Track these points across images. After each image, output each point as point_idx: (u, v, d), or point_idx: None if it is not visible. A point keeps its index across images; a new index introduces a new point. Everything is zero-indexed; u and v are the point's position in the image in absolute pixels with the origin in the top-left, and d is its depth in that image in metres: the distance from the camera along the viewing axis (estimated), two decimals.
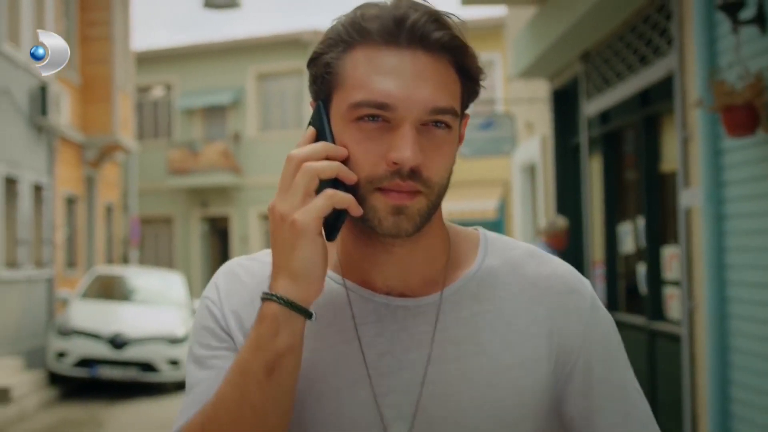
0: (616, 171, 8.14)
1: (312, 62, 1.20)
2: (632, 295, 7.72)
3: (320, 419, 1.20)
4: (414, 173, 1.13)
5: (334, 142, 1.16)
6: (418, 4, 1.16)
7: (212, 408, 1.14)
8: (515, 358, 1.21)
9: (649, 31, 6.70)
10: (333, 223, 1.16)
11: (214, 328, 1.24)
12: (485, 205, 18.66)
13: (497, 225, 15.89)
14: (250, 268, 1.28)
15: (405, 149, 1.11)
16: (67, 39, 12.08)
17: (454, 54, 1.16)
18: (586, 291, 1.27)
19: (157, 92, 25.94)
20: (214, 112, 25.63)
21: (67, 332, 12.31)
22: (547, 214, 9.94)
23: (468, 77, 1.18)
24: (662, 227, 6.80)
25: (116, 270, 15.54)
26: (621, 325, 6.83)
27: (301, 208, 1.12)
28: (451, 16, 1.18)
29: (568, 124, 9.22)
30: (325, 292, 1.19)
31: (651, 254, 7.00)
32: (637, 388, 1.26)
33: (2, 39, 12.61)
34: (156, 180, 24.65)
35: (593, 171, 8.58)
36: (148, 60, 24.39)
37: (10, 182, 13.09)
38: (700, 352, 5.73)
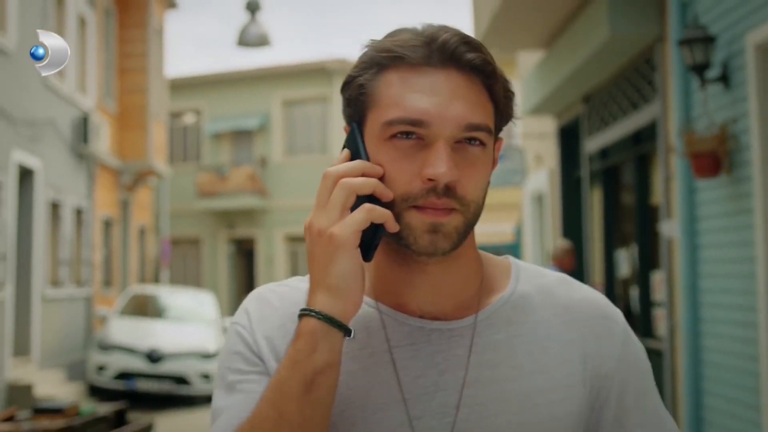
0: (614, 202, 8.91)
1: (346, 86, 1.21)
2: (628, 315, 8.47)
3: None
4: (449, 190, 1.13)
5: (369, 161, 1.17)
6: (448, 27, 1.18)
7: (249, 426, 1.12)
8: (550, 382, 1.21)
9: (639, 80, 7.50)
10: (369, 242, 1.15)
11: (245, 353, 1.22)
12: (504, 228, 19.40)
13: (514, 248, 16.63)
14: (280, 293, 1.27)
15: (440, 165, 1.12)
16: (106, 70, 13.16)
17: (486, 75, 1.17)
18: (618, 318, 1.28)
19: (188, 119, 26.88)
20: (242, 137, 26.50)
21: (106, 347, 13.14)
22: (554, 240, 10.71)
23: (499, 100, 1.19)
24: (652, 254, 7.56)
25: (151, 289, 16.38)
26: None
27: (338, 223, 1.12)
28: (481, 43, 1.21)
29: (573, 159, 10.00)
30: (358, 315, 1.19)
31: (642, 278, 7.77)
32: (667, 414, 1.27)
33: (49, 74, 13.51)
34: (185, 202, 25.49)
35: (594, 202, 9.36)
36: (179, 86, 25.28)
37: (55, 206, 14.00)
38: (679, 365, 6.48)
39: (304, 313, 1.12)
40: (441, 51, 1.15)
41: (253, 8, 11.96)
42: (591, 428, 1.23)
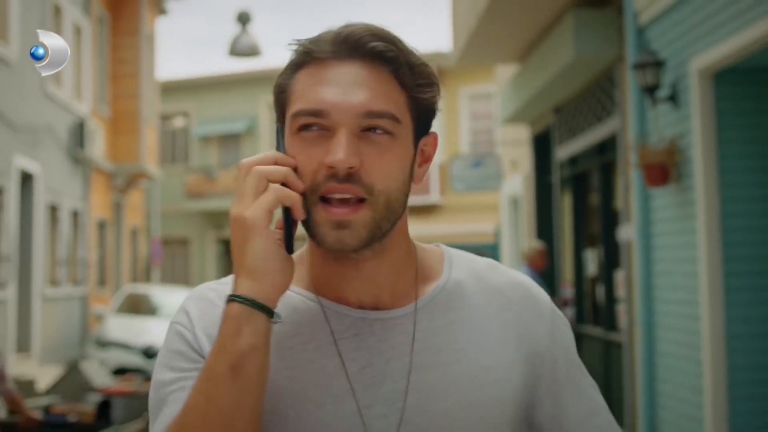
0: (582, 206, 9.59)
1: (273, 88, 1.24)
2: (595, 311, 9.16)
3: None
4: (352, 177, 1.14)
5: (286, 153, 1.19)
6: (364, 23, 1.20)
7: (180, 417, 1.12)
8: (492, 362, 1.24)
9: (602, 96, 8.19)
10: (286, 231, 1.18)
11: (186, 351, 1.22)
12: (485, 228, 20.11)
13: (494, 248, 17.33)
14: (219, 291, 1.26)
15: (338, 152, 1.13)
16: (100, 76, 13.78)
17: (392, 64, 1.18)
18: (545, 298, 1.32)
19: (178, 123, 27.44)
20: (229, 140, 27.06)
21: (104, 344, 13.74)
22: (528, 240, 11.39)
23: (410, 88, 1.19)
24: (615, 255, 8.24)
25: (144, 288, 16.97)
26: (587, 336, 8.34)
27: (250, 207, 1.13)
28: (399, 36, 1.21)
29: (545, 165, 10.68)
30: (301, 310, 1.22)
31: (606, 277, 8.45)
32: (593, 384, 1.32)
33: (47, 82, 14.12)
34: (174, 203, 26.02)
35: (565, 205, 10.04)
36: (168, 89, 25.78)
37: (53, 209, 14.59)
38: (636, 355, 7.17)
39: (228, 299, 1.13)
40: (346, 42, 1.17)
41: (243, 20, 12.57)
42: (528, 403, 1.26)
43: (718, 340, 5.85)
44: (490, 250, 18.30)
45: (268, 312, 1.13)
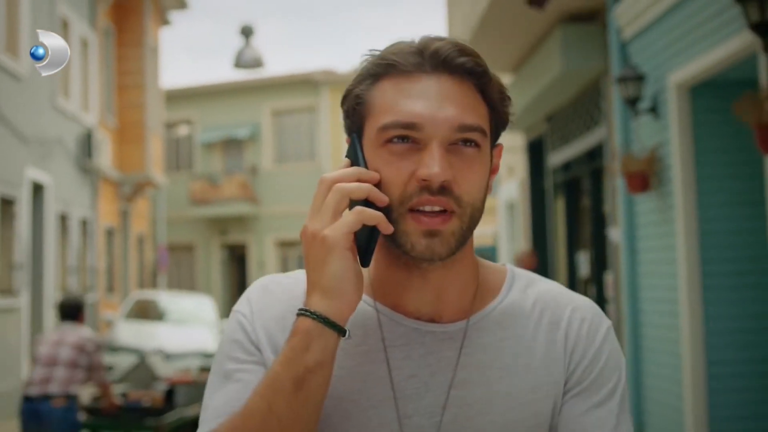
0: (575, 210, 10.00)
1: (344, 99, 1.23)
2: None
3: None
4: (444, 189, 1.14)
5: (367, 168, 1.18)
6: (442, 36, 1.21)
7: (240, 418, 1.14)
8: (534, 381, 1.23)
9: (590, 106, 8.60)
10: (365, 247, 1.17)
11: (244, 342, 1.24)
12: (485, 231, 20.54)
13: (492, 251, 17.74)
14: (285, 284, 1.28)
15: (433, 165, 1.13)
16: (107, 88, 14.32)
17: (478, 79, 1.19)
18: (603, 322, 1.28)
19: (182, 130, 27.87)
20: (233, 146, 27.46)
21: (114, 349, 14.16)
22: (524, 243, 11.81)
23: (494, 102, 1.21)
24: (604, 257, 8.65)
25: (153, 294, 17.38)
26: None
27: (330, 225, 1.14)
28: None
29: (539, 171, 11.09)
30: (357, 314, 1.21)
31: (597, 278, 8.86)
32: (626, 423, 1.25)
33: (57, 94, 14.54)
34: (179, 210, 26.41)
35: (558, 210, 10.45)
36: (171, 97, 26.14)
37: (63, 218, 15.01)
38: (625, 351, 7.58)
39: (300, 313, 1.14)
40: (433, 57, 1.17)
41: (247, 33, 13.06)
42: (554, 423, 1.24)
43: (697, 336, 6.25)
44: (490, 253, 18.75)
45: (341, 330, 1.14)
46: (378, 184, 1.17)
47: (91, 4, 16.82)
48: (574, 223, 10.01)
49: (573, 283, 9.99)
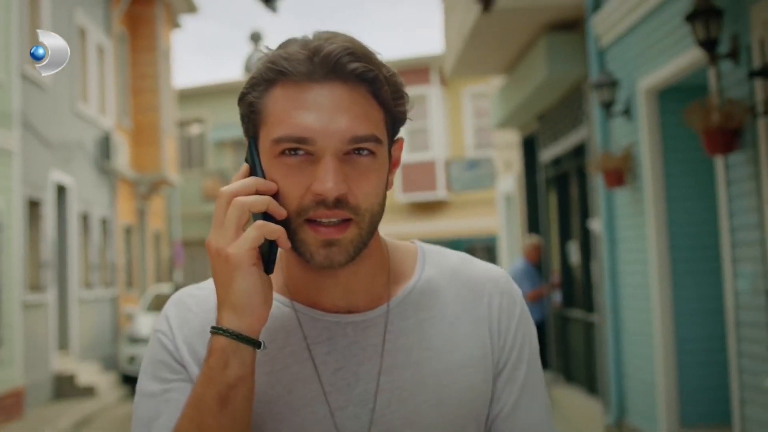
0: (564, 203, 10.69)
1: (239, 102, 1.21)
2: (579, 295, 10.27)
3: None
4: (340, 202, 1.14)
5: (264, 177, 1.18)
6: (336, 35, 1.18)
7: None
8: (463, 357, 1.24)
9: (574, 107, 9.30)
10: (267, 256, 1.17)
11: (168, 361, 1.24)
12: (488, 222, 21.27)
13: (494, 241, 18.50)
14: (199, 297, 1.28)
15: (327, 180, 1.12)
16: (122, 92, 15.20)
17: (371, 84, 1.17)
18: (516, 293, 1.32)
19: (194, 129, 28.63)
20: (243, 144, 28.11)
21: (136, 340, 14.94)
22: (521, 233, 12.52)
23: (388, 105, 1.19)
24: (589, 246, 9.35)
25: (170, 289, 18.14)
26: (572, 318, 9.51)
27: (233, 243, 1.13)
28: (367, 45, 1.19)
29: (533, 166, 11.79)
30: (275, 316, 1.23)
31: (585, 265, 9.56)
32: (547, 403, 1.32)
33: (76, 99, 15.28)
34: (192, 207, 27.16)
35: (550, 203, 11.14)
36: (183, 97, 26.88)
37: (85, 218, 15.77)
38: (606, 332, 8.28)
39: (213, 331, 1.14)
40: (323, 64, 1.15)
41: (256, 39, 13.73)
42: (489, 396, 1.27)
43: (667, 317, 6.96)
44: (491, 242, 19.48)
45: (254, 343, 1.14)
46: (276, 194, 1.17)
47: (106, 11, 17.55)
48: (564, 215, 10.70)
49: (567, 271, 10.68)
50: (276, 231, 1.15)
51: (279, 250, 1.19)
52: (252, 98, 1.19)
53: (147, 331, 15.03)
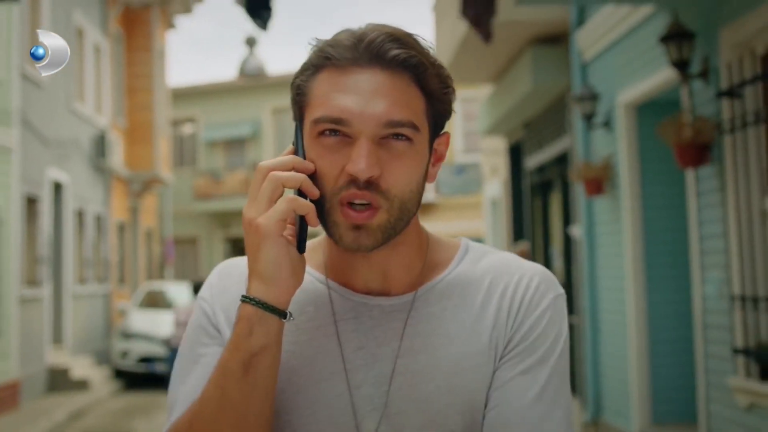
0: (547, 209, 11.07)
1: (291, 87, 1.26)
2: None
3: (298, 408, 1.24)
4: (371, 184, 1.16)
5: (305, 157, 1.21)
6: (383, 26, 1.21)
7: (198, 405, 1.19)
8: (481, 348, 1.24)
9: (558, 117, 9.68)
10: (299, 234, 1.20)
11: (206, 325, 1.29)
12: (474, 225, 21.66)
13: (480, 243, 18.89)
14: (240, 266, 1.33)
15: (360, 162, 1.15)
16: (118, 90, 15.53)
17: (414, 71, 1.19)
18: (549, 291, 1.28)
19: (187, 129, 28.91)
20: (235, 144, 28.46)
21: (128, 335, 15.24)
22: (507, 237, 12.90)
23: (432, 93, 1.21)
24: (571, 251, 9.72)
25: (161, 285, 18.44)
26: None
27: (264, 213, 1.16)
28: (418, 36, 1.22)
29: (518, 172, 12.16)
30: (308, 290, 1.28)
31: (566, 269, 9.94)
32: (555, 399, 1.24)
33: (73, 98, 15.56)
34: (183, 205, 27.42)
35: (535, 208, 11.52)
36: (176, 96, 27.05)
37: (80, 215, 16.06)
38: (585, 331, 8.66)
39: (242, 300, 1.18)
40: (367, 50, 1.18)
41: (251, 43, 14.09)
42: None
43: (641, 319, 7.33)
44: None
45: (280, 313, 1.17)
46: (313, 174, 1.20)
47: (103, 11, 17.84)
48: (547, 221, 11.08)
49: None
50: (305, 206, 1.18)
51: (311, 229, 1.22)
52: (299, 82, 1.24)
53: (139, 326, 15.32)
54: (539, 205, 11.32)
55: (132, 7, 19.38)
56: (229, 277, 1.33)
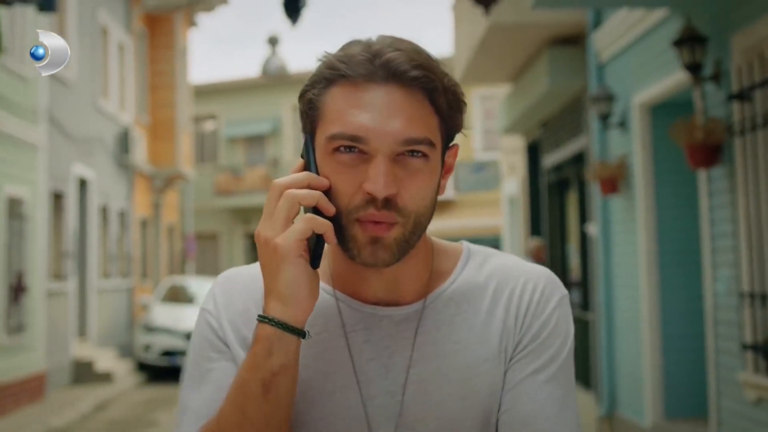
0: (565, 207, 11.24)
1: (300, 98, 1.25)
2: (577, 295, 10.81)
3: (312, 422, 1.24)
4: (388, 202, 1.16)
5: (317, 173, 1.20)
6: (398, 41, 1.21)
7: (216, 425, 1.18)
8: (490, 351, 1.25)
9: (575, 117, 9.84)
10: (314, 251, 1.19)
11: (213, 339, 1.27)
12: (495, 222, 21.81)
13: (496, 241, 19.04)
14: (244, 277, 1.32)
15: (378, 180, 1.15)
16: (141, 88, 15.90)
17: (428, 90, 1.19)
18: (555, 293, 1.30)
19: (208, 126, 29.22)
20: (255, 140, 28.77)
21: (151, 329, 15.52)
22: (524, 234, 13.07)
23: (443, 112, 1.22)
24: (587, 248, 9.88)
25: (182, 280, 18.72)
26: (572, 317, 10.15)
27: (282, 233, 1.16)
28: (427, 50, 1.22)
29: (536, 170, 12.33)
30: (318, 302, 1.23)
31: (583, 267, 10.10)
32: (571, 404, 1.26)
33: (98, 96, 15.84)
34: (204, 201, 27.75)
35: (552, 206, 11.68)
36: (198, 93, 27.35)
37: (104, 210, 16.35)
38: (600, 330, 8.83)
39: (260, 320, 1.17)
40: (384, 67, 1.18)
41: (273, 42, 14.29)
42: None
43: (654, 315, 7.50)
44: (495, 243, 19.99)
45: (299, 333, 1.17)
46: (327, 190, 1.20)
47: (127, 10, 18.11)
48: (564, 218, 11.24)
49: (565, 271, 11.23)
50: (323, 225, 1.17)
51: (325, 245, 1.22)
52: (311, 95, 1.23)
53: (161, 320, 15.59)
54: (556, 203, 11.48)
55: (154, 10, 19.62)
56: (233, 289, 1.32)
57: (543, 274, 1.32)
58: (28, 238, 11.80)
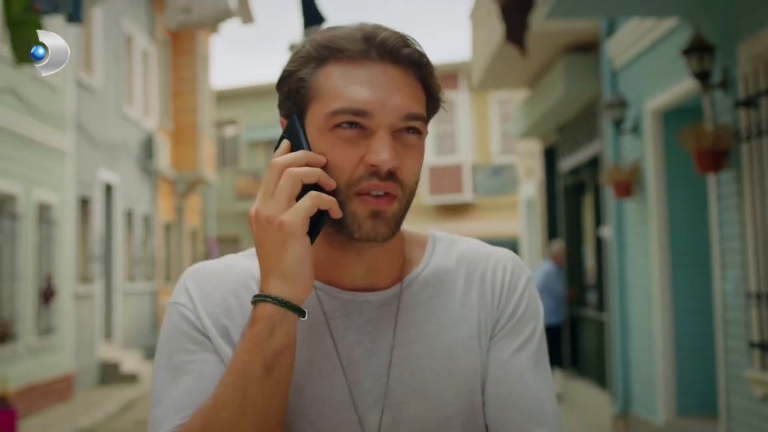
0: (580, 210, 11.44)
1: (283, 80, 1.25)
2: (592, 296, 11.01)
3: (300, 409, 1.25)
4: (392, 175, 1.19)
5: (310, 151, 1.21)
6: (382, 26, 1.24)
7: (214, 410, 1.15)
8: (470, 331, 1.30)
9: (590, 122, 10.06)
10: (314, 228, 1.20)
11: (190, 332, 1.25)
12: (510, 225, 22.03)
13: (516, 243, 19.27)
14: (218, 269, 1.31)
15: (383, 152, 1.17)
16: (164, 94, 16.25)
17: (420, 70, 1.24)
18: (521, 272, 1.36)
19: (229, 131, 29.58)
20: (275, 144, 29.02)
21: None
22: (541, 236, 13.28)
23: (431, 93, 1.26)
24: (602, 251, 10.08)
25: None
26: (586, 318, 10.30)
27: (287, 211, 1.16)
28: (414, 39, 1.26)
29: (553, 174, 12.54)
30: None
31: (598, 269, 10.31)
32: (547, 378, 1.31)
33: (122, 103, 16.17)
34: (226, 205, 28.06)
35: (568, 209, 11.89)
36: (219, 98, 27.70)
37: (129, 215, 16.68)
38: (614, 330, 9.03)
39: (259, 299, 1.16)
40: (380, 46, 1.21)
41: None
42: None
43: (666, 315, 7.70)
44: (513, 245, 20.19)
45: (300, 312, 1.17)
46: (324, 167, 1.20)
47: (150, 18, 18.45)
48: (580, 221, 11.45)
49: (581, 273, 11.43)
50: (329, 201, 1.18)
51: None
52: (303, 74, 1.23)
53: None
54: (572, 207, 11.69)
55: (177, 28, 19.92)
56: (208, 281, 1.30)
57: (509, 256, 1.38)
58: (56, 242, 12.12)
